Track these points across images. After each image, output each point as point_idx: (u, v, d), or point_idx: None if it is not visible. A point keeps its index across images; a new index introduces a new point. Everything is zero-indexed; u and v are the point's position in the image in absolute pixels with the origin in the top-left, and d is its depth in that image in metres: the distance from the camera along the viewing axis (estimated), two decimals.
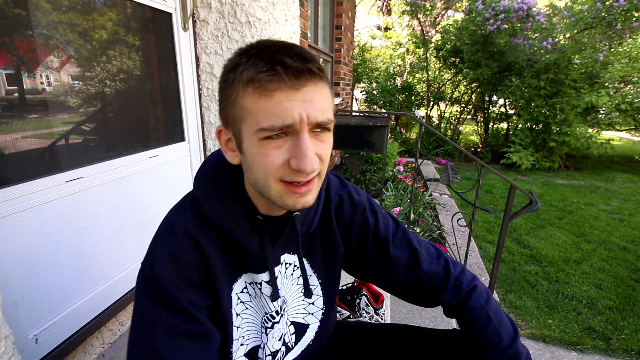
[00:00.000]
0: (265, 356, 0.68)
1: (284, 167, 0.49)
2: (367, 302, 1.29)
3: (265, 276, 0.64)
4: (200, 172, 0.61)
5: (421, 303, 0.76)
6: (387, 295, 1.49)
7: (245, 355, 0.67)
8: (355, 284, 1.33)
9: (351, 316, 1.29)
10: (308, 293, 0.71)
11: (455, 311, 0.72)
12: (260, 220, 0.59)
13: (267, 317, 0.67)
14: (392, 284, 0.74)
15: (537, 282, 2.34)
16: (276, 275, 0.65)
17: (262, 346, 0.68)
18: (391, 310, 1.85)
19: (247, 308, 0.66)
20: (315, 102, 0.47)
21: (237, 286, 0.64)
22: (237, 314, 0.64)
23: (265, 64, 0.46)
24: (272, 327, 0.68)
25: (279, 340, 0.70)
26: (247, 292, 0.65)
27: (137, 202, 1.34)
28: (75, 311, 1.10)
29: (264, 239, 0.60)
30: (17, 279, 0.92)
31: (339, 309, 1.31)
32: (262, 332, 0.68)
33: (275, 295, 0.65)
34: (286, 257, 0.68)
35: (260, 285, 0.65)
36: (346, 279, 1.60)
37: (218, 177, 0.60)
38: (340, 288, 1.36)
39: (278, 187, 0.50)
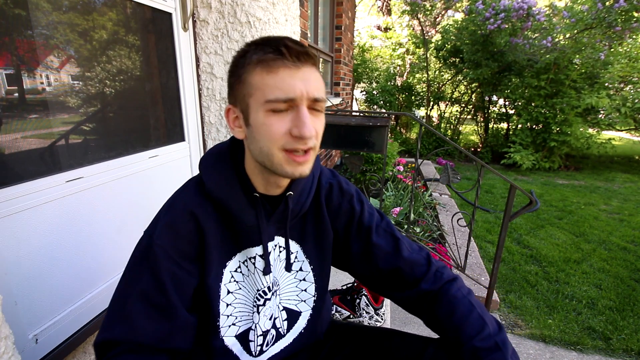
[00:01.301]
0: (257, 337, 0.71)
1: (286, 136, 0.56)
2: (367, 302, 1.29)
3: (259, 250, 0.69)
4: (205, 154, 0.69)
5: (399, 296, 0.75)
6: None
7: (237, 336, 0.70)
8: (355, 284, 1.33)
9: (351, 316, 1.29)
10: (288, 267, 0.74)
11: (435, 302, 0.70)
12: (257, 197, 0.65)
13: (259, 294, 0.71)
14: (373, 272, 0.76)
15: (537, 282, 2.34)
16: (269, 250, 0.70)
17: (253, 327, 0.71)
18: (391, 310, 1.85)
19: (240, 288, 0.69)
20: (312, 81, 0.56)
21: (232, 264, 0.68)
22: (230, 292, 0.68)
23: (271, 47, 0.55)
24: (263, 305, 0.71)
25: (270, 319, 0.73)
26: (241, 272, 0.69)
27: (137, 202, 1.34)
28: (75, 311, 1.10)
29: (259, 214, 0.66)
30: (17, 279, 0.92)
31: (339, 309, 1.31)
32: (254, 312, 0.71)
33: (267, 269, 0.69)
34: (280, 240, 0.72)
35: (254, 260, 0.69)
36: (346, 279, 1.60)
37: (221, 156, 0.67)
38: (340, 288, 1.37)
39: (280, 155, 0.57)
